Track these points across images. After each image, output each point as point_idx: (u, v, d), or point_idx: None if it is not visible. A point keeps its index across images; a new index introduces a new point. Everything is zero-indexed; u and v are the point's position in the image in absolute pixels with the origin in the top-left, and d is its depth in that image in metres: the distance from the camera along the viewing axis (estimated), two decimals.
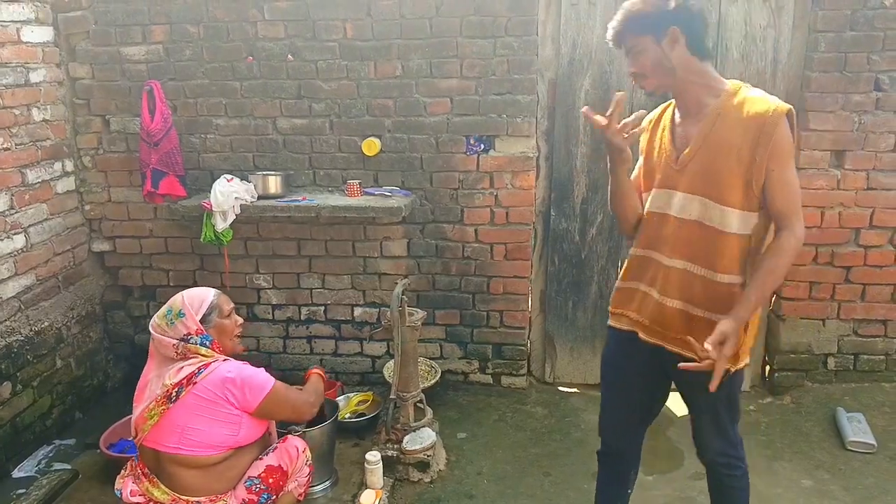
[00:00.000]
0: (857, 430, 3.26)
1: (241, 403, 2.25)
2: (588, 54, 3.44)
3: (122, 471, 2.40)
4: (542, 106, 3.56)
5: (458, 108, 3.49)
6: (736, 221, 1.94)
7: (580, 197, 3.63)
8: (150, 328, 2.33)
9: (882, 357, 3.61)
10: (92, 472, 3.12)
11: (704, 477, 3.03)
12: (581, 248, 3.70)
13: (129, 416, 3.25)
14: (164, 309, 2.35)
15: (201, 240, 3.42)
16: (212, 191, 3.33)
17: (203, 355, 2.27)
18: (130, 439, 3.20)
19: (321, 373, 2.78)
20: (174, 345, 2.27)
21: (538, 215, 3.71)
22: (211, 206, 3.31)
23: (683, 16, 1.94)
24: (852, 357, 3.63)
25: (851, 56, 3.29)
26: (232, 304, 2.47)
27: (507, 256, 3.66)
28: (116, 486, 2.35)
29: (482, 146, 3.54)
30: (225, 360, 2.31)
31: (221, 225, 3.35)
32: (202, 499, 2.24)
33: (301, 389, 2.59)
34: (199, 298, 2.37)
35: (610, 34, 2.04)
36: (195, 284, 3.80)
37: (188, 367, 2.23)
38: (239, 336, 2.47)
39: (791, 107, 1.91)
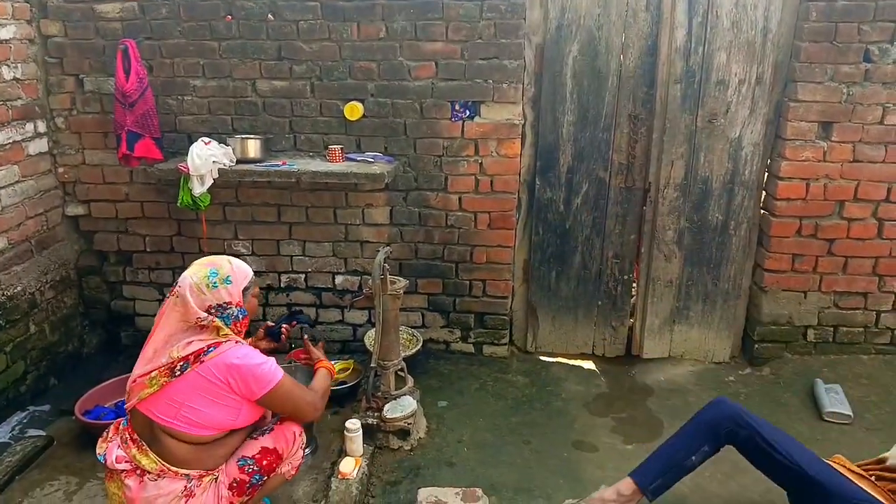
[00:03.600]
0: (835, 401, 3.29)
1: (243, 392, 2.14)
2: (577, 19, 3.37)
3: (105, 433, 2.28)
4: (529, 72, 3.49)
5: (443, 72, 3.41)
6: None
7: (566, 166, 3.58)
8: (181, 286, 2.14)
9: (861, 329, 3.64)
10: (67, 438, 3.08)
11: None
12: (566, 218, 3.66)
13: (105, 383, 3.25)
14: (203, 269, 2.18)
15: (178, 204, 3.34)
16: (189, 154, 3.24)
17: (219, 335, 2.13)
18: (107, 406, 3.17)
19: (331, 367, 2.58)
20: (201, 317, 2.11)
21: (523, 184, 3.66)
22: (188, 169, 3.22)
23: None
24: (832, 329, 3.65)
25: (842, 26, 3.24)
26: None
27: (491, 225, 3.62)
28: (99, 450, 2.22)
29: (467, 112, 3.47)
30: (238, 342, 2.17)
31: (199, 189, 3.27)
32: (191, 472, 2.15)
33: (309, 388, 2.40)
34: (244, 269, 2.26)
35: None
36: (172, 250, 3.74)
37: (198, 343, 2.10)
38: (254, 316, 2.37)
39: None
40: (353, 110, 3.47)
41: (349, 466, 2.68)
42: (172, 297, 2.18)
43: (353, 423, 2.79)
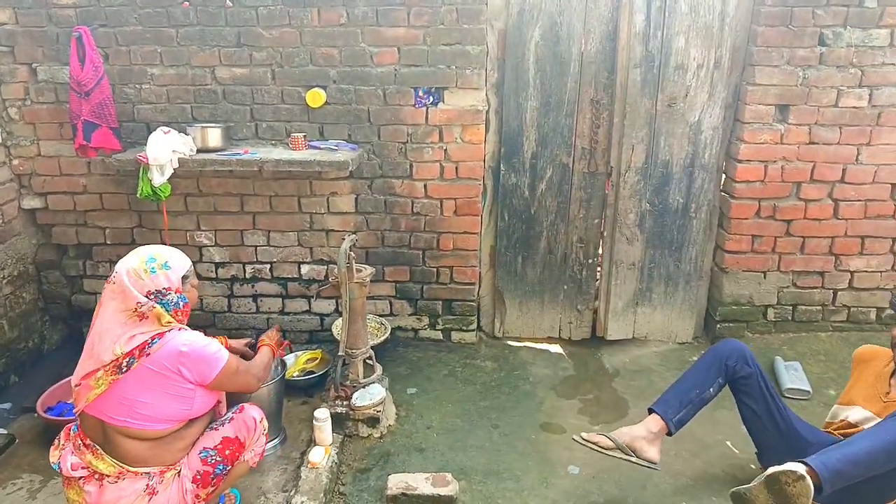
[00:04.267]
0: (794, 377, 3.38)
1: (196, 378, 2.12)
2: (538, 4, 3.38)
3: (56, 441, 2.22)
4: (492, 57, 3.50)
5: (405, 58, 3.40)
6: None
7: (530, 151, 3.60)
8: (119, 273, 2.08)
9: (819, 307, 3.74)
10: (30, 436, 3.02)
11: None
12: (531, 204, 3.68)
13: (68, 379, 3.18)
14: (141, 256, 2.13)
15: (138, 195, 3.27)
16: (148, 143, 3.18)
17: (161, 324, 2.08)
18: (70, 402, 3.11)
19: (273, 346, 2.65)
20: (140, 302, 2.06)
21: (488, 170, 3.67)
22: (147, 159, 3.16)
23: None
24: (791, 308, 3.74)
25: (797, 10, 3.30)
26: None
27: (457, 212, 3.63)
28: (52, 458, 2.17)
29: (431, 99, 3.47)
30: (181, 328, 2.14)
31: (159, 180, 3.21)
32: (152, 470, 2.12)
33: (251, 363, 2.46)
34: (181, 257, 2.23)
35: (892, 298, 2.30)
36: (133, 242, 3.67)
37: (140, 336, 2.05)
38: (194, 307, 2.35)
39: None
40: (316, 97, 3.44)
41: (318, 456, 2.68)
42: (109, 286, 2.11)
43: (322, 413, 2.78)
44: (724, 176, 3.67)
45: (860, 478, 2.12)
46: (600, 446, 2.58)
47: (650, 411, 2.64)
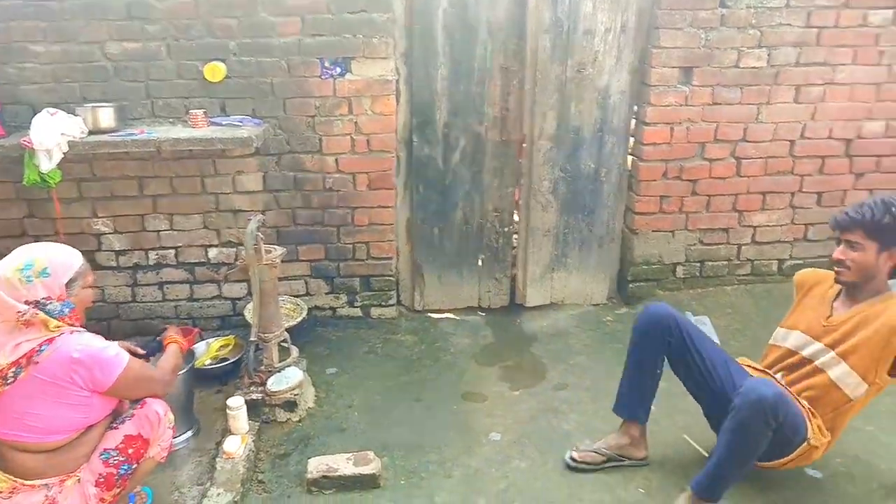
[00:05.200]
0: (703, 331, 3.49)
1: (91, 384, 1.99)
2: None
3: None
4: (400, 25, 3.40)
5: (309, 27, 3.27)
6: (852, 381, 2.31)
7: (442, 122, 3.55)
8: None
9: (725, 263, 3.88)
10: None
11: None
12: (445, 175, 3.65)
13: None
14: (17, 262, 1.97)
15: (24, 183, 3.04)
16: (32, 126, 2.96)
17: (49, 329, 1.94)
18: None
19: (180, 341, 2.50)
20: (21, 311, 1.90)
21: (401, 142, 3.60)
22: (32, 143, 2.94)
23: None
24: (699, 264, 3.87)
25: None
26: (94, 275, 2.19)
27: (371, 186, 3.56)
28: None
29: (338, 69, 3.35)
30: (73, 331, 1.99)
31: (46, 165, 2.99)
32: (50, 480, 1.99)
33: (157, 366, 2.34)
34: (65, 261, 2.04)
35: (841, 217, 2.29)
36: (24, 234, 3.43)
37: (27, 344, 1.91)
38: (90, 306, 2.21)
39: None
40: (215, 71, 3.27)
41: (234, 445, 2.61)
42: None
43: (236, 401, 2.70)
44: (632, 139, 3.73)
45: (739, 473, 2.29)
46: (594, 463, 2.66)
47: (620, 416, 2.69)
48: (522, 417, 3.01)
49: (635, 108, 3.66)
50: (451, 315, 3.90)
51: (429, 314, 3.89)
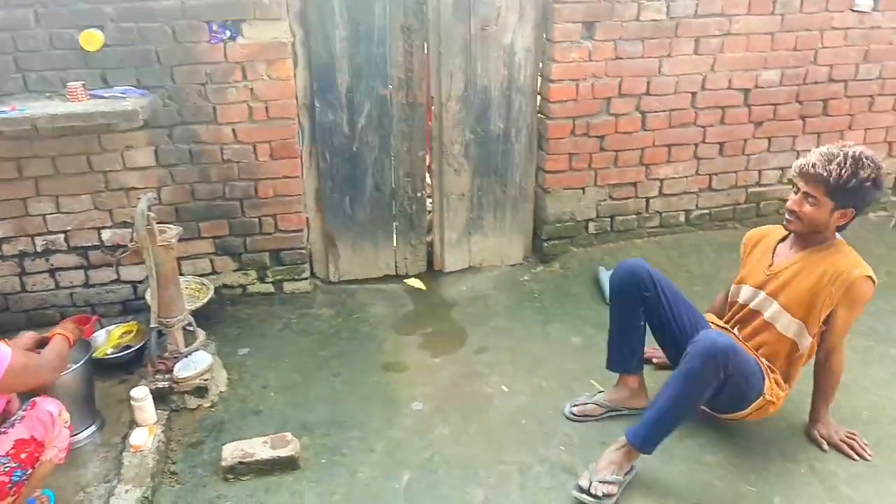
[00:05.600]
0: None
1: None
2: None
3: None
4: None
5: None
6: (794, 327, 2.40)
7: (344, 85, 3.41)
8: None
9: (634, 216, 3.94)
10: None
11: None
12: (352, 141, 3.52)
13: None
14: None
15: None
16: None
17: None
18: None
19: (65, 332, 2.32)
20: None
21: (302, 108, 3.44)
22: None
23: (865, 202, 2.27)
24: (609, 219, 3.92)
25: None
26: None
27: (273, 156, 3.39)
28: None
29: (228, 33, 3.15)
30: None
31: None
32: None
33: (39, 353, 2.19)
34: None
35: (806, 166, 2.26)
36: None
37: None
38: None
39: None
40: (92, 39, 3.01)
41: (141, 438, 2.46)
42: None
43: (140, 391, 2.55)
44: (539, 97, 3.70)
45: (676, 425, 2.32)
46: (594, 415, 2.70)
47: (614, 371, 2.73)
48: (444, 384, 2.98)
49: (541, 65, 3.62)
50: (368, 285, 3.81)
51: (345, 285, 3.79)
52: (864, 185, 2.21)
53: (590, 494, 2.28)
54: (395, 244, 3.77)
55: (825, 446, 2.50)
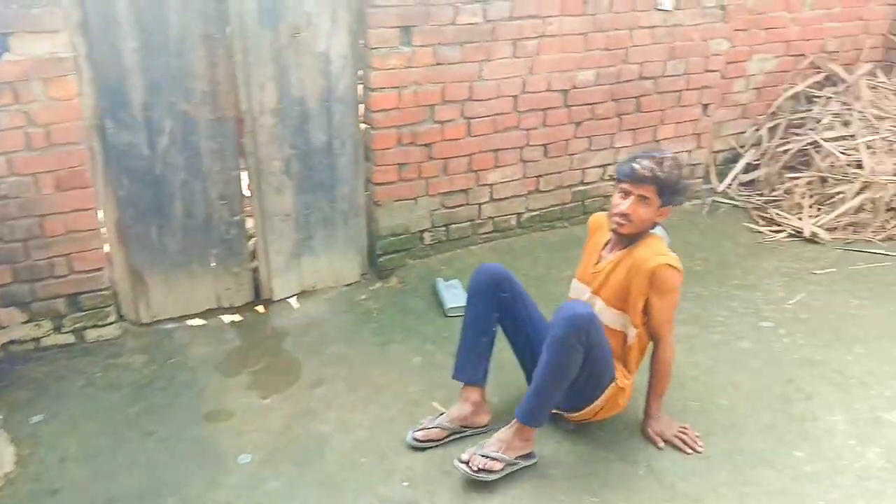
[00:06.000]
0: (454, 296, 3.46)
1: None
2: None
3: None
4: None
5: None
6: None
7: (140, 102, 3.03)
8: None
9: (468, 223, 3.88)
10: None
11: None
12: (154, 163, 3.14)
13: None
14: None
15: None
16: None
17: None
18: None
19: None
20: None
21: (92, 130, 3.02)
22: None
23: (678, 204, 2.49)
24: (444, 228, 3.83)
25: None
26: None
27: (60, 187, 2.95)
28: None
29: None
30: None
31: None
32: None
33: None
34: None
35: (637, 170, 2.35)
36: None
37: None
38: None
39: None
40: None
41: None
42: None
43: None
44: (362, 107, 3.52)
45: (557, 395, 2.37)
46: (438, 440, 2.58)
47: (459, 381, 2.63)
48: (275, 428, 2.73)
49: (360, 73, 3.44)
50: (188, 322, 3.44)
51: (160, 325, 3.39)
52: (683, 182, 2.44)
53: (468, 466, 2.35)
54: (215, 274, 3.43)
55: (660, 444, 2.55)
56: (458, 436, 2.59)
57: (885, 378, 2.88)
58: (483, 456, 2.38)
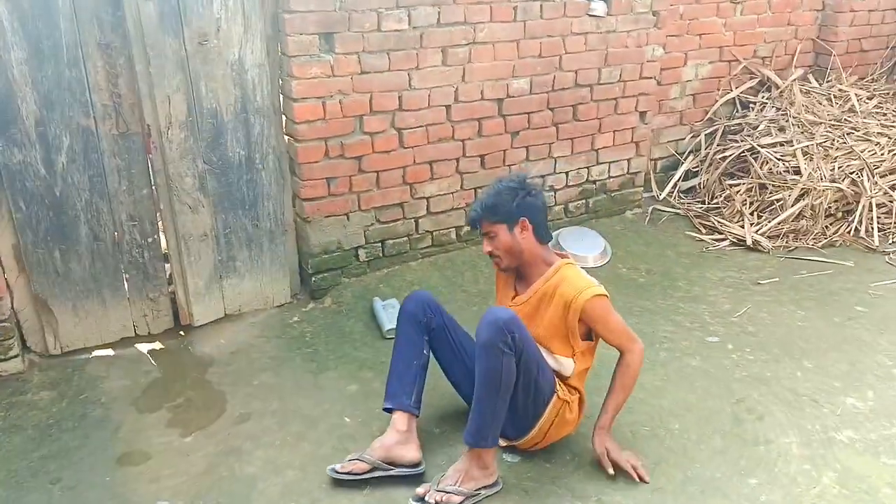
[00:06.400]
0: (392, 316, 3.25)
1: None
2: None
3: None
4: None
5: None
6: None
7: (32, 117, 2.75)
8: None
9: (405, 238, 3.69)
10: None
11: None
12: (53, 184, 2.86)
13: None
14: None
15: None
16: None
17: None
18: None
19: None
20: None
21: None
22: None
23: (530, 209, 2.34)
24: (380, 244, 3.63)
25: None
26: None
27: None
28: None
29: None
30: None
31: None
32: None
33: None
34: None
35: (469, 217, 2.41)
36: None
37: None
38: None
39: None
40: None
41: None
42: None
43: None
44: (284, 118, 3.30)
45: (500, 408, 2.23)
46: (358, 472, 2.36)
47: (387, 410, 2.46)
48: (197, 471, 2.48)
49: (280, 82, 3.23)
50: (101, 352, 3.16)
51: (71, 357, 3.10)
52: (506, 193, 2.35)
53: (424, 502, 2.24)
54: (128, 300, 3.16)
55: (610, 469, 2.40)
56: (383, 473, 2.37)
57: (835, 394, 2.80)
58: (439, 491, 2.23)
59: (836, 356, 3.06)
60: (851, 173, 4.10)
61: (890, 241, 4.02)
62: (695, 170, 4.55)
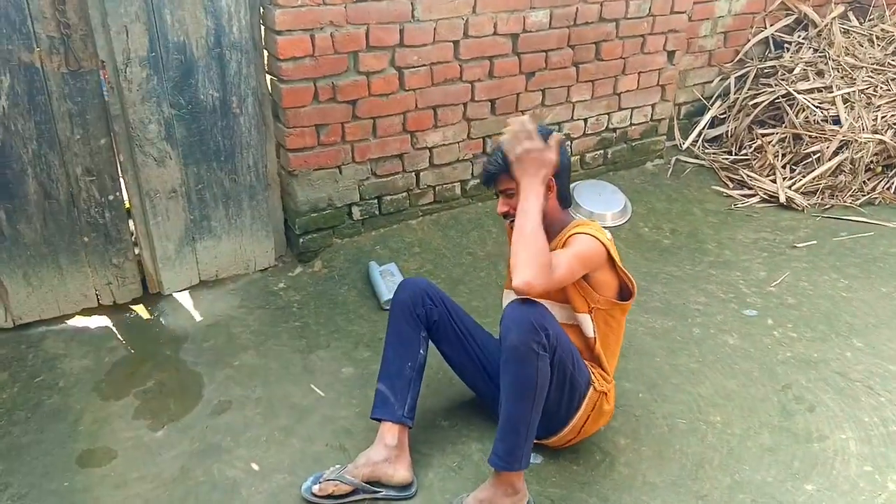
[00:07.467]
0: (392, 286, 2.89)
1: None
2: None
3: None
4: None
5: None
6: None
7: None
8: None
9: (404, 194, 3.28)
10: None
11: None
12: None
13: None
14: None
15: None
16: None
17: None
18: None
19: None
20: None
21: None
22: None
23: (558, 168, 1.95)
24: (376, 201, 3.22)
25: None
26: None
27: None
28: None
29: None
30: None
31: None
32: None
33: None
34: None
35: (483, 172, 2.06)
36: None
37: None
38: None
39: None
40: None
41: None
42: None
43: None
44: (266, 54, 2.83)
45: (533, 423, 1.89)
46: (338, 495, 2.02)
47: (376, 420, 2.11)
48: (170, 474, 2.15)
49: (261, 11, 2.74)
50: (61, 325, 2.77)
51: (26, 331, 2.72)
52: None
53: None
54: (89, 266, 2.75)
55: None
56: (366, 496, 2.04)
57: (891, 380, 2.49)
58: None
59: (888, 334, 2.75)
60: (895, 124, 3.71)
61: None
62: (722, 116, 4.12)
